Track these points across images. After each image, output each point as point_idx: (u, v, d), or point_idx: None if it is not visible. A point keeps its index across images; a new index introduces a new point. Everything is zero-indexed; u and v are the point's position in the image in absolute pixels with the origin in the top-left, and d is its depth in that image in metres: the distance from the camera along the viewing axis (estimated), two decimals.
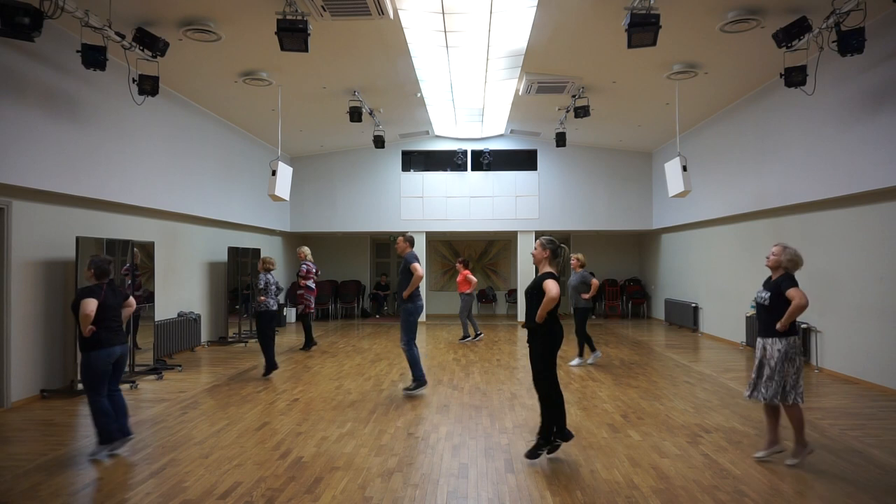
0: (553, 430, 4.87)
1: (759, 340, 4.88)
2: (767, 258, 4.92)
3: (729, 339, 11.61)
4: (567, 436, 4.91)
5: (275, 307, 8.46)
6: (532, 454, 4.87)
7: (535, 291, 4.82)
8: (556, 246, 4.98)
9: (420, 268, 7.17)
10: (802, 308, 4.61)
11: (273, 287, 8.45)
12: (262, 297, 8.35)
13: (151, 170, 9.07)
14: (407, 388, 7.31)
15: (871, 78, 7.18)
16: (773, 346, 4.74)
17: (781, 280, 4.78)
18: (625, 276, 17.54)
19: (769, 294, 4.82)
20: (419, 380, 7.26)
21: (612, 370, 8.84)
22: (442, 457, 5.01)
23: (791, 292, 4.65)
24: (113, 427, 4.95)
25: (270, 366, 8.31)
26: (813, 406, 6.58)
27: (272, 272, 8.61)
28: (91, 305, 4.83)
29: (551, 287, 4.68)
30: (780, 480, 4.44)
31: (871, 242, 7.74)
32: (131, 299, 5.39)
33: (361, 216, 15.75)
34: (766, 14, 6.98)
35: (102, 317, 4.94)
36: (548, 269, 4.92)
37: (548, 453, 4.91)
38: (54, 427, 6.00)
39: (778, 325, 4.68)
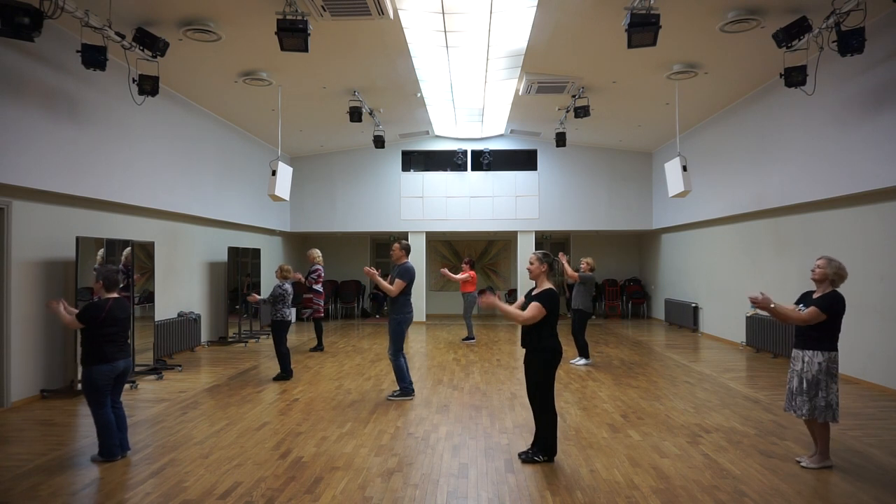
0: (549, 440, 4.83)
1: (796, 352, 4.76)
2: (813, 271, 4.77)
3: (729, 339, 11.61)
4: (551, 454, 4.83)
5: (290, 318, 8.36)
6: (526, 458, 4.87)
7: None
8: (551, 259, 4.94)
9: (402, 283, 6.90)
10: (803, 322, 4.58)
11: (290, 297, 8.28)
12: (280, 306, 8.17)
13: (151, 170, 9.06)
14: (391, 395, 7.11)
15: (871, 78, 7.18)
16: (814, 359, 4.63)
17: (822, 299, 4.65)
18: (625, 276, 17.54)
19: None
20: (405, 390, 7.05)
21: (612, 370, 8.84)
22: (442, 457, 5.01)
23: (811, 310, 4.57)
24: (115, 442, 4.91)
25: (287, 373, 8.21)
26: None
27: (289, 280, 8.43)
28: (83, 321, 4.87)
29: (534, 310, 4.68)
30: (781, 480, 4.45)
31: (872, 242, 7.74)
32: None
33: (361, 216, 15.75)
34: (766, 14, 6.98)
35: (109, 331, 4.89)
36: (546, 284, 4.87)
37: (522, 461, 4.85)
38: (54, 427, 6.00)
39: (755, 294, 4.52)
